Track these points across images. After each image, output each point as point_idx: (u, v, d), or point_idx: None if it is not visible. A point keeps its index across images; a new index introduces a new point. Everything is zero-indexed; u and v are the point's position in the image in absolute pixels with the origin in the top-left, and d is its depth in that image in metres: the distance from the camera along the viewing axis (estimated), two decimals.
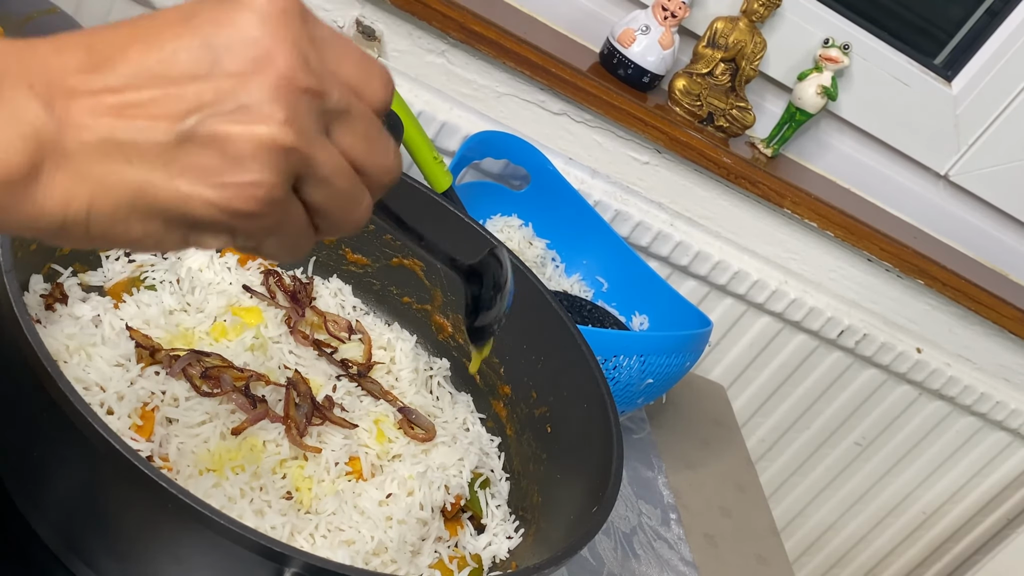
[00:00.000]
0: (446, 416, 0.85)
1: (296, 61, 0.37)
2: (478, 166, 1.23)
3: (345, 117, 0.40)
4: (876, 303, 1.42)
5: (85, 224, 0.37)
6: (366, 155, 0.41)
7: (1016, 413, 1.54)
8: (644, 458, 1.14)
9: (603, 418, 0.76)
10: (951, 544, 1.70)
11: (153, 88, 0.36)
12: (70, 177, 0.36)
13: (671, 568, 1.01)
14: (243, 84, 0.37)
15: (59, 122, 0.36)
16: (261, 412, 0.70)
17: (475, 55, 1.16)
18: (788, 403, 1.52)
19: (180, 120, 0.36)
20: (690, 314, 1.13)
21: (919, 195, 1.42)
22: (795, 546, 1.70)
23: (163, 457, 0.65)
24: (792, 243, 1.35)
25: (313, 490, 0.69)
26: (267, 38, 0.37)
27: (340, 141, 0.40)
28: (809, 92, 1.25)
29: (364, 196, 0.42)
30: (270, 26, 0.37)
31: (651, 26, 1.19)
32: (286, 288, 0.85)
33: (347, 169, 0.40)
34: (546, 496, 0.80)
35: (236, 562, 0.53)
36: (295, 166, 0.38)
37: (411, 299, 0.92)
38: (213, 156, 0.37)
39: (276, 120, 0.37)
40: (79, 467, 0.57)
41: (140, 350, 0.70)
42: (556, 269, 1.22)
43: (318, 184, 0.39)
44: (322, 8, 1.12)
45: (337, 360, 0.82)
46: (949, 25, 1.38)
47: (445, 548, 0.74)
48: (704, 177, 1.28)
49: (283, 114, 0.37)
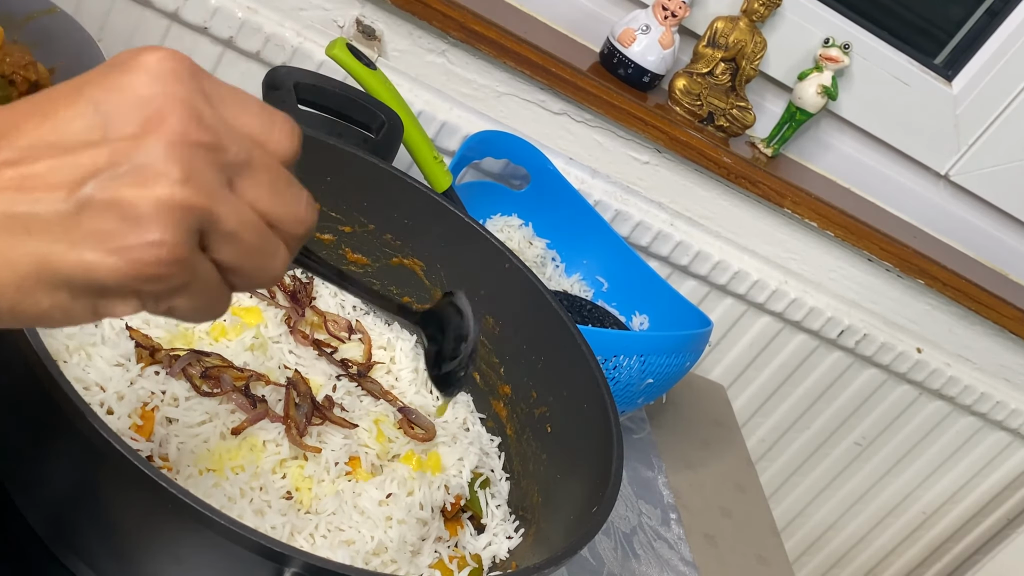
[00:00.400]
0: (446, 416, 0.85)
1: (188, 117, 0.37)
2: (478, 166, 1.23)
3: (247, 169, 0.39)
4: (876, 303, 1.42)
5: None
6: (274, 206, 0.40)
7: (1016, 413, 1.54)
8: (644, 458, 1.14)
9: (603, 418, 0.76)
10: (951, 544, 1.70)
11: (49, 158, 0.36)
12: None
13: (671, 568, 1.01)
14: (137, 146, 0.36)
15: None
16: (261, 412, 0.70)
17: (475, 55, 1.16)
18: (788, 403, 1.52)
19: (78, 188, 0.36)
20: (690, 314, 1.13)
21: (919, 195, 1.42)
22: (795, 546, 1.70)
23: (163, 457, 0.65)
24: (792, 243, 1.35)
25: (313, 490, 0.69)
26: (157, 98, 0.37)
27: (245, 194, 0.39)
28: (809, 92, 1.25)
29: (278, 248, 0.41)
30: (159, 85, 0.37)
31: (651, 26, 1.19)
32: (286, 288, 0.85)
33: (255, 222, 0.39)
34: (546, 496, 0.80)
35: (236, 562, 0.53)
36: (197, 222, 0.37)
37: (411, 299, 0.92)
38: (112, 220, 0.36)
39: (172, 178, 0.36)
40: (79, 467, 0.57)
41: (140, 350, 0.70)
42: (556, 269, 1.22)
43: (225, 240, 0.39)
44: (322, 8, 1.12)
45: (337, 360, 0.82)
46: (949, 25, 1.38)
47: (445, 548, 0.74)
48: (704, 177, 1.28)
49: (179, 172, 0.36)
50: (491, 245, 0.87)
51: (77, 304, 0.38)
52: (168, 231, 0.36)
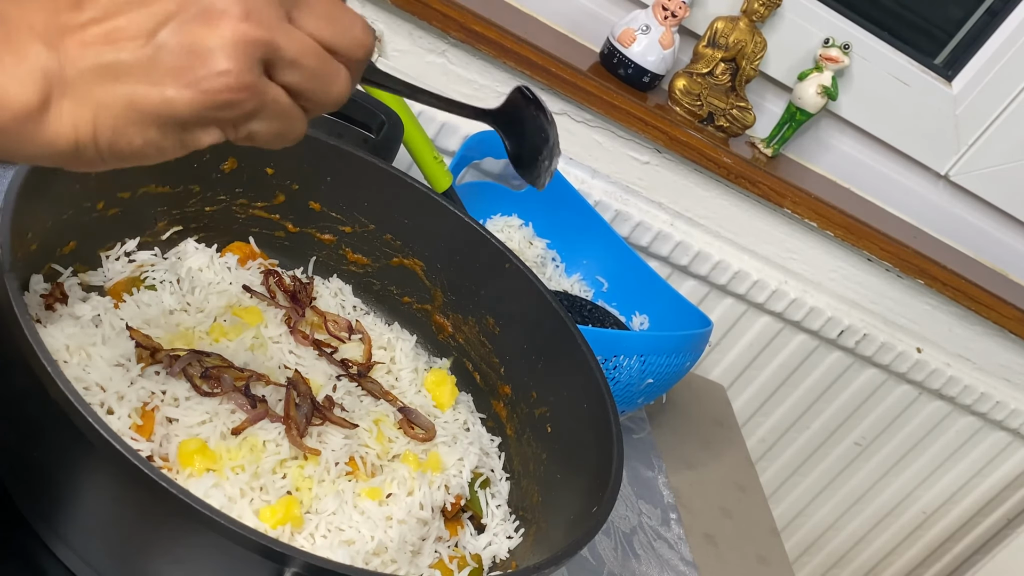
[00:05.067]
0: (446, 416, 0.85)
1: None
2: (478, 166, 1.23)
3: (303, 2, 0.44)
4: (876, 303, 1.42)
5: (94, 143, 0.42)
6: (332, 33, 0.45)
7: (1016, 413, 1.55)
8: (644, 458, 1.14)
9: (603, 418, 0.76)
10: (951, 544, 1.70)
11: (127, 12, 0.41)
12: (74, 103, 0.41)
13: (671, 568, 1.01)
14: None
15: (59, 57, 0.41)
16: (261, 412, 0.70)
17: (475, 55, 1.16)
18: (788, 403, 1.52)
19: (154, 34, 0.41)
20: (690, 314, 1.13)
21: (919, 195, 1.42)
22: (795, 546, 1.70)
23: (163, 457, 0.65)
24: (792, 243, 1.35)
25: (313, 490, 0.69)
26: None
27: (304, 24, 0.44)
28: (809, 92, 1.25)
29: (339, 72, 0.45)
30: None
31: (651, 26, 1.19)
32: (286, 288, 0.85)
33: (315, 49, 0.44)
34: (546, 496, 0.80)
35: (236, 562, 0.53)
36: (261, 52, 0.42)
37: (411, 299, 0.92)
38: (185, 58, 0.41)
39: (234, 15, 0.41)
40: (79, 467, 0.57)
41: (140, 350, 0.70)
42: (556, 269, 1.22)
43: (289, 67, 0.44)
44: None
45: (337, 360, 0.82)
46: (949, 25, 1.38)
47: (445, 548, 0.74)
48: (704, 177, 1.28)
49: (239, 9, 0.41)
50: (491, 245, 0.87)
51: (166, 139, 0.43)
52: (233, 61, 0.41)
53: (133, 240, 0.79)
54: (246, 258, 0.86)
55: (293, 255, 0.89)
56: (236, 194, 0.84)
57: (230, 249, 0.85)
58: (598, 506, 0.68)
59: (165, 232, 0.82)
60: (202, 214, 0.83)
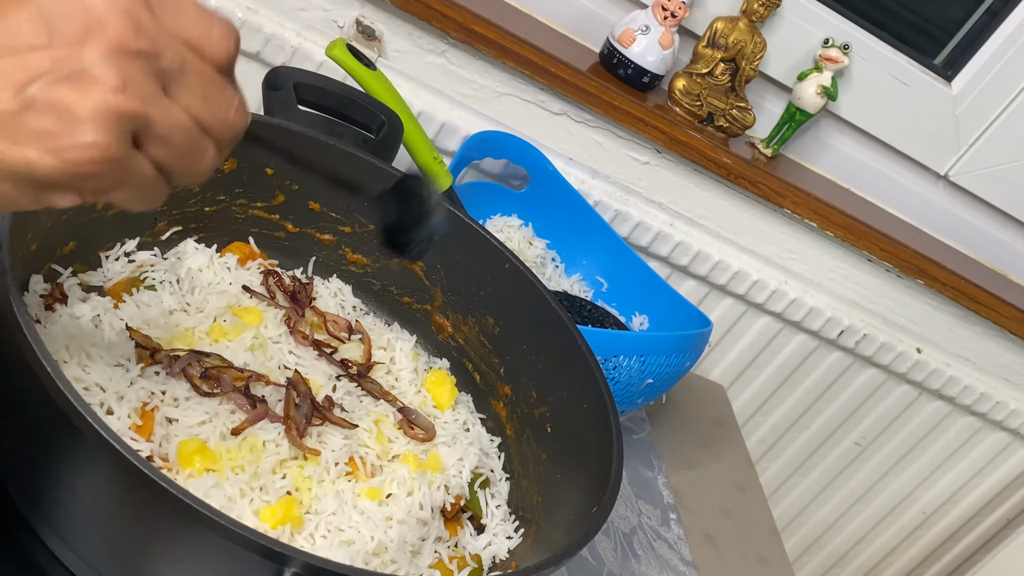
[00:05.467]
0: (446, 416, 0.85)
1: (127, 25, 0.40)
2: (478, 166, 1.23)
3: (181, 75, 0.42)
4: (876, 303, 1.42)
5: None
6: (204, 111, 0.43)
7: (1016, 413, 1.54)
8: (644, 458, 1.14)
9: (603, 418, 0.76)
10: (951, 544, 1.70)
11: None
12: None
13: (671, 568, 1.01)
14: (78, 51, 0.39)
15: None
16: (261, 412, 0.70)
17: (475, 55, 1.16)
18: (788, 403, 1.52)
19: (22, 89, 0.39)
20: (690, 314, 1.13)
21: (919, 195, 1.42)
22: (795, 546, 1.70)
23: (163, 457, 0.65)
24: (792, 243, 1.35)
25: (313, 490, 0.69)
26: (99, 5, 0.40)
27: (178, 99, 0.42)
28: (809, 92, 1.25)
29: (207, 149, 0.44)
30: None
31: (651, 26, 1.19)
32: (286, 288, 0.85)
33: (186, 125, 0.43)
34: (546, 496, 0.80)
35: (236, 562, 0.53)
36: (131, 125, 0.40)
37: (411, 299, 0.92)
38: (52, 121, 0.39)
39: (108, 84, 0.39)
40: (79, 467, 0.57)
41: (140, 350, 0.70)
42: (556, 269, 1.22)
43: (157, 141, 0.42)
44: (322, 8, 1.12)
45: (337, 360, 0.82)
46: (949, 25, 1.38)
47: (445, 548, 0.74)
48: (704, 177, 1.28)
49: (115, 78, 0.39)
50: (491, 245, 0.87)
51: (22, 195, 0.41)
52: (102, 134, 0.39)
53: (133, 240, 0.79)
54: (246, 258, 0.86)
55: (293, 255, 0.89)
56: (236, 194, 0.84)
57: (230, 249, 0.85)
58: (598, 506, 0.68)
59: (165, 232, 0.82)
60: (202, 214, 0.83)
